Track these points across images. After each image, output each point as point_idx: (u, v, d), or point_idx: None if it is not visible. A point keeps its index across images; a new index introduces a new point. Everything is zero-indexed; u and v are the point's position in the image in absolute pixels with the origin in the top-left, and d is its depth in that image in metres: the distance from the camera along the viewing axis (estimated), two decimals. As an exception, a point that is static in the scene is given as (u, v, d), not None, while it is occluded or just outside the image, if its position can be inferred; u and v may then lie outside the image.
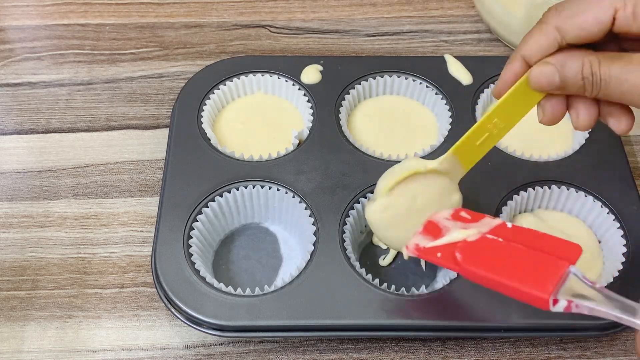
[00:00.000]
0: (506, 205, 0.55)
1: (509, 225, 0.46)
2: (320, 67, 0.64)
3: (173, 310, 0.50)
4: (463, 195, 0.56)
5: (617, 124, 0.45)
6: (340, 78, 0.63)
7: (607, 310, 0.40)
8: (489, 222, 0.47)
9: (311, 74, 0.63)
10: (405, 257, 0.49)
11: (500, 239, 0.45)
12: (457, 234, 0.46)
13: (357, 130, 0.62)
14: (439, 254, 0.46)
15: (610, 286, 0.51)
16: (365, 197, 0.55)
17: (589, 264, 0.54)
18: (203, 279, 0.51)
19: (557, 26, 0.42)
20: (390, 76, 0.64)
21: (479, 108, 0.62)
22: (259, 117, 0.63)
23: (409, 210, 0.49)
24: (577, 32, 0.42)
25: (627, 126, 0.45)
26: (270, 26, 0.75)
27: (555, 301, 0.41)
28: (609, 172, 0.58)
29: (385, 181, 0.49)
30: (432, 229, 0.47)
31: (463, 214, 0.48)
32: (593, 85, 0.43)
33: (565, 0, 0.43)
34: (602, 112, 0.45)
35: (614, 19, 0.41)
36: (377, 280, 0.51)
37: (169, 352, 0.52)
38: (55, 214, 0.59)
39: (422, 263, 0.55)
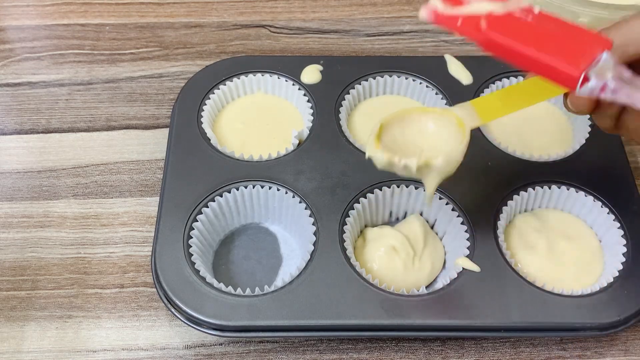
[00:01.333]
0: (506, 205, 0.55)
1: (537, 10, 0.43)
2: (320, 67, 0.64)
3: (173, 310, 0.50)
4: (463, 195, 0.56)
5: None
6: (340, 78, 0.63)
7: None
8: (516, 2, 0.43)
9: (311, 74, 0.63)
10: (422, 19, 0.44)
11: (528, 18, 0.42)
12: (481, 5, 0.43)
13: (357, 130, 0.62)
14: (459, 22, 0.43)
15: (610, 286, 0.51)
16: (365, 197, 0.56)
17: (590, 263, 0.54)
18: (203, 279, 0.51)
19: None
20: (390, 76, 0.64)
21: (479, 108, 0.62)
22: (259, 117, 0.63)
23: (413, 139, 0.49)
24: None
25: None
26: (270, 26, 0.75)
27: (586, 80, 0.38)
28: (609, 172, 0.58)
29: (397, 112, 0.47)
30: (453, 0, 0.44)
31: None
32: None
33: None
34: None
35: None
36: (377, 280, 0.51)
37: (169, 352, 0.52)
38: (55, 214, 0.59)
39: None
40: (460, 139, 0.47)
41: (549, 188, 0.57)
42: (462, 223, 0.55)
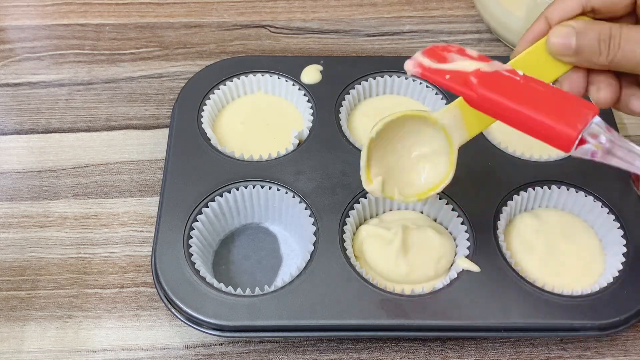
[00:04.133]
0: (506, 205, 0.55)
1: (520, 72, 0.42)
2: (320, 67, 0.64)
3: (173, 310, 0.50)
4: (463, 194, 0.56)
5: (638, 104, 0.45)
6: (340, 78, 0.63)
7: None
8: (499, 64, 0.43)
9: (311, 74, 0.63)
10: (409, 72, 0.44)
11: (517, 78, 0.41)
12: (468, 63, 0.42)
13: (357, 130, 0.62)
14: (447, 76, 0.42)
15: (610, 286, 0.51)
16: (365, 197, 0.55)
17: (590, 263, 0.54)
18: (203, 279, 0.51)
19: None
20: (390, 76, 0.64)
21: (479, 108, 0.62)
22: (259, 117, 0.63)
23: (403, 162, 0.50)
24: None
25: None
26: (270, 26, 0.75)
27: (582, 142, 0.39)
28: (609, 172, 0.57)
29: (382, 119, 0.47)
30: (436, 54, 0.43)
31: (469, 52, 0.44)
32: (609, 48, 0.42)
33: None
34: (623, 95, 0.45)
35: None
36: (377, 280, 0.51)
37: (169, 352, 0.52)
38: (55, 214, 0.59)
39: None
40: (449, 160, 0.48)
41: (549, 188, 0.57)
42: (462, 223, 0.55)
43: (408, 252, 0.53)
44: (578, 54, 0.44)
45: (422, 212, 0.57)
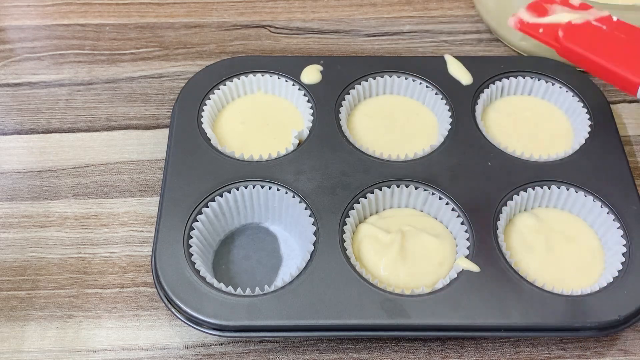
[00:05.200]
0: (506, 206, 0.55)
1: (615, 18, 0.49)
2: (320, 67, 0.64)
3: (173, 310, 0.50)
4: (463, 195, 0.56)
5: None
6: (340, 78, 0.63)
7: None
8: (595, 12, 0.50)
9: (311, 74, 0.63)
10: (509, 25, 0.51)
11: (604, 27, 0.49)
12: (562, 15, 0.50)
13: (357, 130, 0.62)
14: (541, 30, 0.49)
15: (610, 286, 0.51)
16: (365, 197, 0.56)
17: (590, 263, 0.54)
18: (203, 279, 0.51)
19: None
20: (390, 76, 0.64)
21: (478, 108, 0.62)
22: (259, 117, 0.63)
23: None
24: None
25: None
26: (270, 26, 0.75)
27: None
28: (609, 172, 0.58)
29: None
30: (538, 8, 0.50)
31: (572, 1, 0.51)
32: None
33: None
34: None
35: None
36: (377, 280, 0.51)
37: (169, 352, 0.52)
38: (55, 214, 0.59)
39: None
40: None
41: (549, 188, 0.57)
42: (462, 223, 0.55)
43: (407, 260, 0.53)
44: None
45: (421, 211, 0.57)
